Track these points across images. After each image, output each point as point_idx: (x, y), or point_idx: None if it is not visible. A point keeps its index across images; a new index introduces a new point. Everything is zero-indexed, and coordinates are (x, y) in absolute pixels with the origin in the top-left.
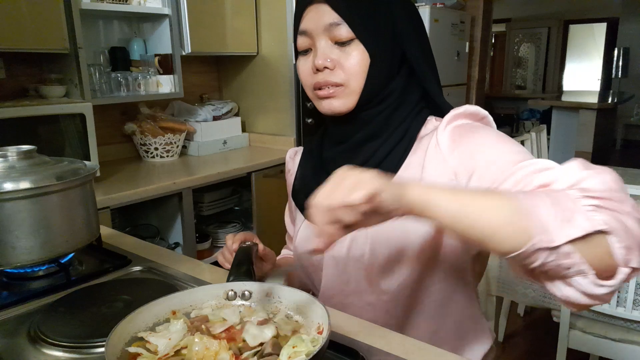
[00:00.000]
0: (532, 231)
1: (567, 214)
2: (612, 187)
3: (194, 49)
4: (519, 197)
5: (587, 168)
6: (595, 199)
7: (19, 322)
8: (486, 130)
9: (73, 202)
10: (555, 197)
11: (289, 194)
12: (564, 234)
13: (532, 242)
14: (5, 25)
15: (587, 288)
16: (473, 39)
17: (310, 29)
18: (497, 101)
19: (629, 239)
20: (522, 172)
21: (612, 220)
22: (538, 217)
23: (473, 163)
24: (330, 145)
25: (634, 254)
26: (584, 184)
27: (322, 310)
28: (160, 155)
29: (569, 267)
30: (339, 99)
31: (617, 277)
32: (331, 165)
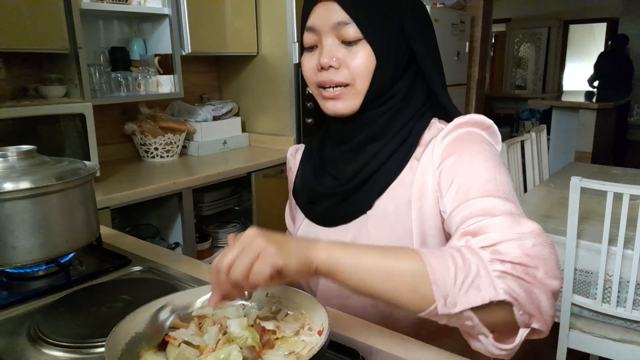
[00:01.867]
0: (433, 297)
1: (471, 281)
2: (529, 252)
3: (194, 49)
4: (428, 260)
5: (511, 227)
6: (506, 263)
7: (19, 322)
8: (477, 146)
9: (73, 202)
10: (466, 261)
11: (289, 192)
12: (465, 302)
13: (433, 307)
14: (5, 25)
15: (488, 347)
16: (473, 39)
17: (318, 26)
18: (497, 101)
19: (531, 307)
20: (469, 210)
21: (517, 288)
22: (442, 284)
23: (451, 179)
24: (331, 145)
25: (534, 319)
26: (500, 247)
27: (322, 311)
28: (160, 155)
29: (471, 327)
30: (344, 100)
31: (517, 338)
32: (332, 166)
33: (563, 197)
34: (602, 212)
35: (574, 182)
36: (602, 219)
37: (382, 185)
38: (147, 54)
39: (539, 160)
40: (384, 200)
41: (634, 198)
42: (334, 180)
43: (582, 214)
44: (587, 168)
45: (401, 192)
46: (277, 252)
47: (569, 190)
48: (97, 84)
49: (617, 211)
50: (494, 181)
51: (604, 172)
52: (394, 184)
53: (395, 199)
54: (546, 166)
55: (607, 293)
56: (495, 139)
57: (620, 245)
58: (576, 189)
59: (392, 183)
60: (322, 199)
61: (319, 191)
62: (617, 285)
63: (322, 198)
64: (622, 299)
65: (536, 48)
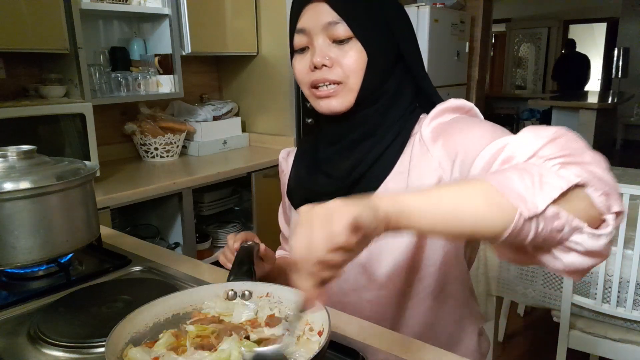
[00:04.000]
0: (513, 205)
1: (539, 179)
2: (568, 145)
3: (194, 49)
4: (487, 178)
5: (539, 137)
6: (556, 158)
7: (19, 322)
8: (466, 119)
9: (73, 202)
10: (522, 168)
11: (282, 195)
12: (545, 198)
13: (517, 215)
14: (5, 25)
15: (586, 244)
16: (473, 39)
17: (309, 27)
18: (497, 101)
19: (604, 186)
20: (487, 153)
21: (582, 171)
22: (513, 191)
23: (454, 149)
24: (324, 145)
25: (613, 198)
26: (541, 152)
27: (322, 311)
28: (160, 155)
29: (561, 228)
30: (337, 97)
31: (608, 224)
32: (326, 164)
33: None
34: None
35: None
36: None
37: (377, 181)
38: (147, 54)
39: None
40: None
41: (634, 198)
42: (328, 179)
43: None
44: None
45: (394, 185)
46: (344, 205)
47: None
48: (97, 84)
49: None
50: (497, 131)
51: None
52: (388, 178)
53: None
54: None
55: (607, 293)
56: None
57: (620, 245)
58: None
59: (386, 177)
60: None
61: (315, 189)
62: (617, 285)
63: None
64: (622, 299)
65: (536, 48)
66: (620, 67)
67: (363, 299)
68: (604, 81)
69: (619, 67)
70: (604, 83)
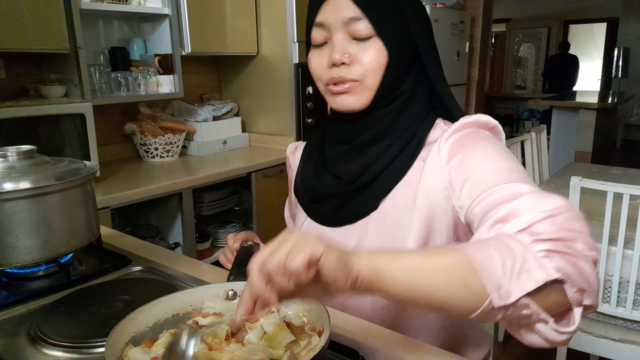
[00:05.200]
0: (486, 290)
1: (520, 265)
2: (564, 227)
3: (194, 49)
4: (471, 253)
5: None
6: (546, 241)
7: (19, 322)
8: (486, 141)
9: (73, 202)
10: (508, 247)
11: (289, 189)
12: (519, 288)
13: (487, 302)
14: (5, 25)
15: (548, 335)
16: (473, 39)
17: (328, 22)
18: (497, 101)
19: (581, 281)
20: (491, 200)
21: (565, 264)
22: (491, 275)
23: (466, 174)
24: (332, 144)
25: (587, 294)
26: (535, 228)
27: (323, 311)
28: (160, 155)
29: (528, 316)
30: (354, 95)
31: (576, 319)
32: (332, 164)
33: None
34: (602, 212)
35: (574, 182)
36: (602, 219)
37: (387, 186)
38: (147, 54)
39: (539, 160)
40: (388, 201)
41: (634, 198)
42: (335, 180)
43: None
44: (587, 168)
45: (405, 193)
46: (317, 241)
47: (569, 190)
48: (97, 84)
49: (617, 211)
50: (510, 170)
51: (604, 172)
52: (399, 185)
53: (400, 200)
54: (546, 166)
55: (607, 293)
56: (500, 137)
57: (620, 245)
58: (576, 189)
59: (397, 184)
60: (325, 199)
61: (322, 190)
62: (617, 285)
63: (325, 198)
64: (622, 299)
65: (536, 48)
66: (620, 67)
67: (365, 304)
68: (604, 81)
69: (619, 67)
70: (604, 83)
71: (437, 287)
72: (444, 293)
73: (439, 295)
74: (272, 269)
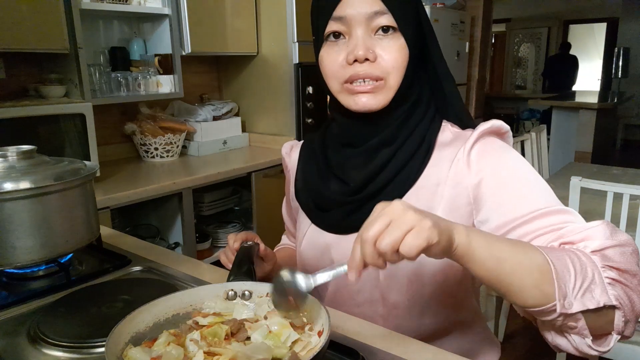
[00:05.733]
0: (554, 296)
1: (588, 284)
2: (630, 260)
3: (194, 49)
4: (552, 260)
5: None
6: (615, 270)
7: (19, 322)
8: (511, 155)
9: (73, 202)
10: (582, 264)
11: (286, 189)
12: (581, 304)
13: (551, 305)
14: (5, 25)
15: (580, 347)
16: (473, 39)
17: (350, 15)
18: (497, 101)
19: (631, 314)
20: (550, 220)
21: (624, 295)
22: (563, 285)
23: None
24: (337, 147)
25: (629, 325)
26: (607, 252)
27: (322, 311)
28: (160, 155)
29: (574, 327)
30: (377, 95)
31: (609, 343)
32: (338, 168)
33: (563, 197)
34: (602, 212)
35: (574, 182)
36: (602, 219)
37: (398, 194)
38: (147, 54)
39: (539, 160)
40: None
41: (634, 198)
42: (342, 185)
43: (582, 214)
44: (587, 168)
45: (416, 201)
46: (432, 227)
47: (569, 190)
48: (97, 84)
49: (617, 211)
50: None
51: (604, 172)
52: (410, 192)
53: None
54: (546, 166)
55: None
56: (510, 143)
57: None
58: (576, 189)
59: (408, 191)
60: (332, 206)
61: (329, 197)
62: None
63: (332, 205)
64: None
65: (536, 48)
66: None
67: (376, 313)
68: (604, 81)
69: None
70: (604, 83)
71: (515, 280)
72: (518, 286)
73: (513, 286)
74: (386, 250)
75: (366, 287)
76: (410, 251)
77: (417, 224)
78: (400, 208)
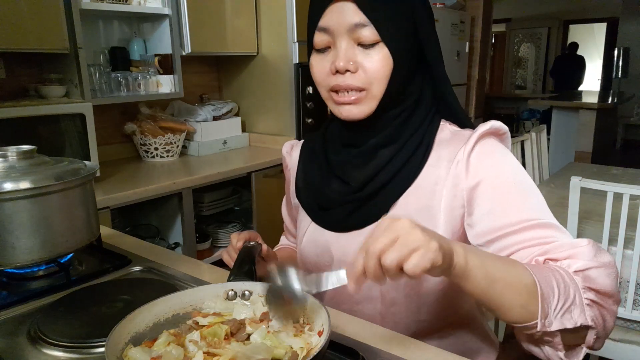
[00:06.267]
0: (537, 315)
1: (569, 305)
2: (610, 282)
3: (194, 49)
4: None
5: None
6: (594, 292)
7: (19, 322)
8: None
9: (73, 202)
10: (566, 286)
11: (286, 189)
12: (560, 323)
13: (533, 323)
14: (5, 25)
15: (552, 357)
16: (473, 39)
17: (333, 27)
18: (497, 101)
19: (602, 332)
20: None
21: (599, 316)
22: (547, 305)
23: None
24: (337, 147)
25: (599, 341)
26: (590, 272)
27: (322, 311)
28: (160, 155)
29: (549, 341)
30: (359, 105)
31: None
32: (339, 169)
33: (563, 197)
34: (602, 212)
35: (574, 182)
36: (602, 219)
37: (398, 192)
38: (147, 54)
39: (539, 160)
40: (398, 206)
41: (634, 198)
42: (343, 185)
43: (582, 214)
44: (587, 168)
45: (415, 200)
46: (438, 250)
47: (569, 190)
48: (97, 84)
49: (617, 211)
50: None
51: (604, 172)
52: (409, 191)
53: (410, 206)
54: (546, 166)
55: None
56: (508, 144)
57: (620, 245)
58: (576, 189)
59: (407, 190)
60: (334, 205)
61: (331, 197)
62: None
63: (334, 204)
64: (622, 299)
65: (536, 48)
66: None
67: (375, 311)
68: (604, 81)
69: (619, 67)
70: (604, 83)
71: (504, 300)
72: (507, 305)
73: (502, 305)
74: (391, 266)
75: (365, 285)
76: (415, 271)
77: (424, 245)
78: (408, 226)
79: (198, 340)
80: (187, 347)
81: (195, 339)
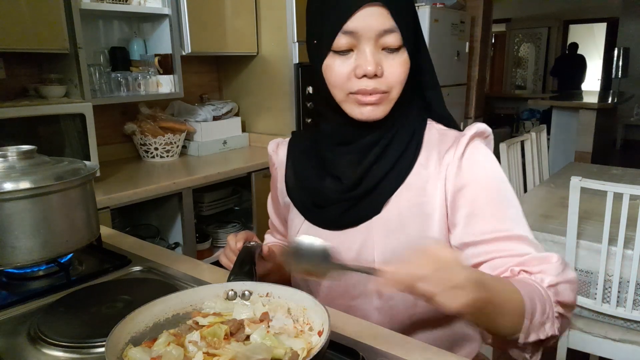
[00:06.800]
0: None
1: (544, 319)
2: (574, 296)
3: (194, 49)
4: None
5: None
6: (561, 305)
7: (19, 322)
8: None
9: (73, 202)
10: (545, 301)
11: (272, 186)
12: (536, 335)
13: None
14: (5, 25)
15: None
16: (473, 39)
17: (361, 30)
18: (497, 101)
19: (560, 337)
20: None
21: (565, 326)
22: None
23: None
24: (330, 145)
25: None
26: (560, 287)
27: (322, 311)
28: (160, 155)
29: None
30: (380, 106)
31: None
32: (332, 166)
33: (563, 197)
34: (602, 212)
35: (574, 182)
36: (602, 219)
37: (390, 190)
38: (147, 54)
39: (539, 160)
40: (391, 204)
41: (634, 198)
42: (336, 183)
43: (582, 214)
44: (587, 168)
45: (407, 197)
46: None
47: (569, 190)
48: (97, 84)
49: (617, 211)
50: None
51: (604, 172)
52: (401, 188)
53: (402, 203)
54: (546, 166)
55: (607, 293)
56: (491, 145)
57: (620, 245)
58: (576, 189)
59: (399, 187)
60: (328, 203)
61: (327, 195)
62: (617, 285)
63: (328, 202)
64: (622, 299)
65: (536, 48)
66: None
67: (372, 306)
68: (604, 81)
69: (619, 67)
70: (604, 83)
71: (502, 326)
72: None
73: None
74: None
75: (362, 280)
76: (446, 306)
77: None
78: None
79: (198, 341)
80: (187, 347)
81: (195, 339)
